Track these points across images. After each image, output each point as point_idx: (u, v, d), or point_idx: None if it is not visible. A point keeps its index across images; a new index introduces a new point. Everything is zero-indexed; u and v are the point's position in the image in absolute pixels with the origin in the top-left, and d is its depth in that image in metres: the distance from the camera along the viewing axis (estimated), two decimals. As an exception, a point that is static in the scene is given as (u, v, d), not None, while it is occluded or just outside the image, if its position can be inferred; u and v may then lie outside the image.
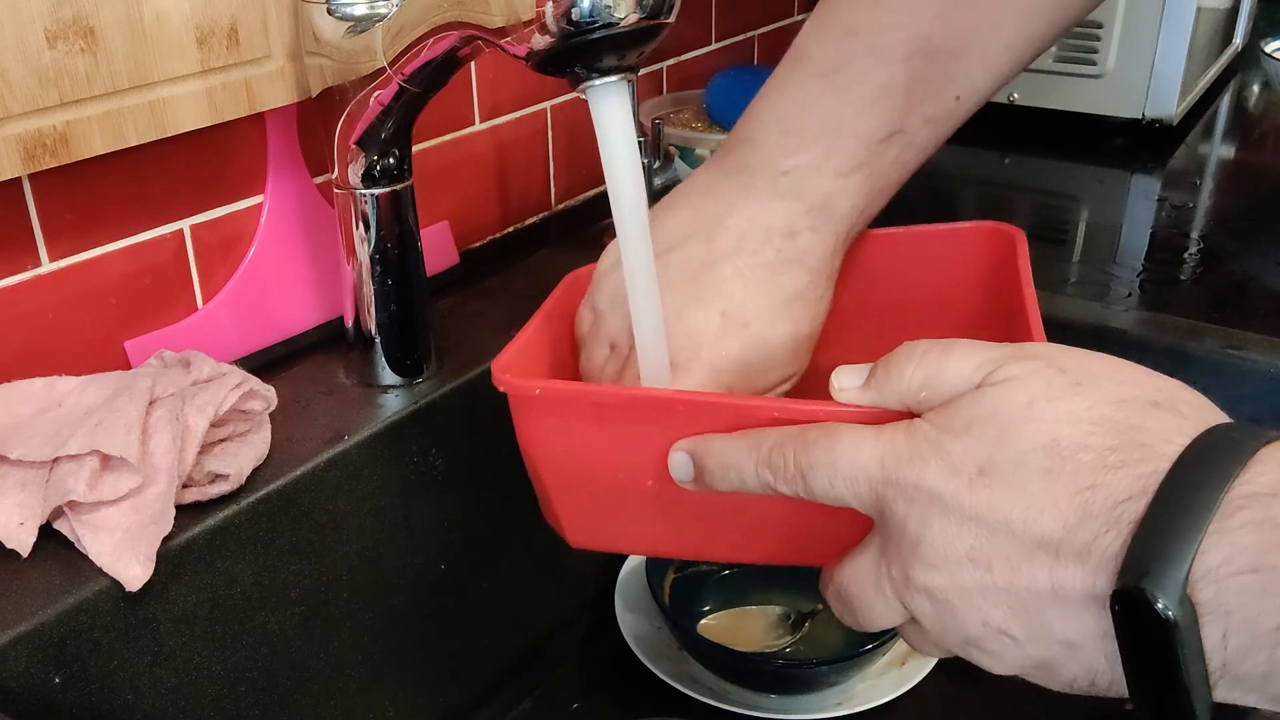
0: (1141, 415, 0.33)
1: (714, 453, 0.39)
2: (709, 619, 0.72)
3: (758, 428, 0.39)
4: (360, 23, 0.56)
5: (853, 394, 0.38)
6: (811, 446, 0.37)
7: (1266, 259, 0.86)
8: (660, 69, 1.01)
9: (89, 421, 0.50)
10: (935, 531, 0.34)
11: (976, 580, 0.34)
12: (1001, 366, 0.35)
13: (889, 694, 0.65)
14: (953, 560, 0.34)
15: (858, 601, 0.38)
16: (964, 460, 0.34)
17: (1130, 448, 0.32)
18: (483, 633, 0.70)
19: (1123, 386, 0.34)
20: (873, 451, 0.35)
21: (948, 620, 0.35)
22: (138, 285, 0.62)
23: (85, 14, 0.53)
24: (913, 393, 0.36)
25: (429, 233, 0.76)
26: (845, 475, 0.36)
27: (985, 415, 0.34)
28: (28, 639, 0.46)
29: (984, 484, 0.33)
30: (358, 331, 0.64)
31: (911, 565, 0.35)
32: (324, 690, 0.60)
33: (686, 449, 0.40)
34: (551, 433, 0.44)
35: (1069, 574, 0.32)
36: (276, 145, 0.66)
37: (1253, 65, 1.40)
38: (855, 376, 0.38)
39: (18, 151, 0.52)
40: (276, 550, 0.56)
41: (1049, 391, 0.33)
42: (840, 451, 0.36)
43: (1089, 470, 0.32)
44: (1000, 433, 0.33)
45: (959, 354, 0.36)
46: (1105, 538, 0.31)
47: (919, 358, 0.36)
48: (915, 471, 0.34)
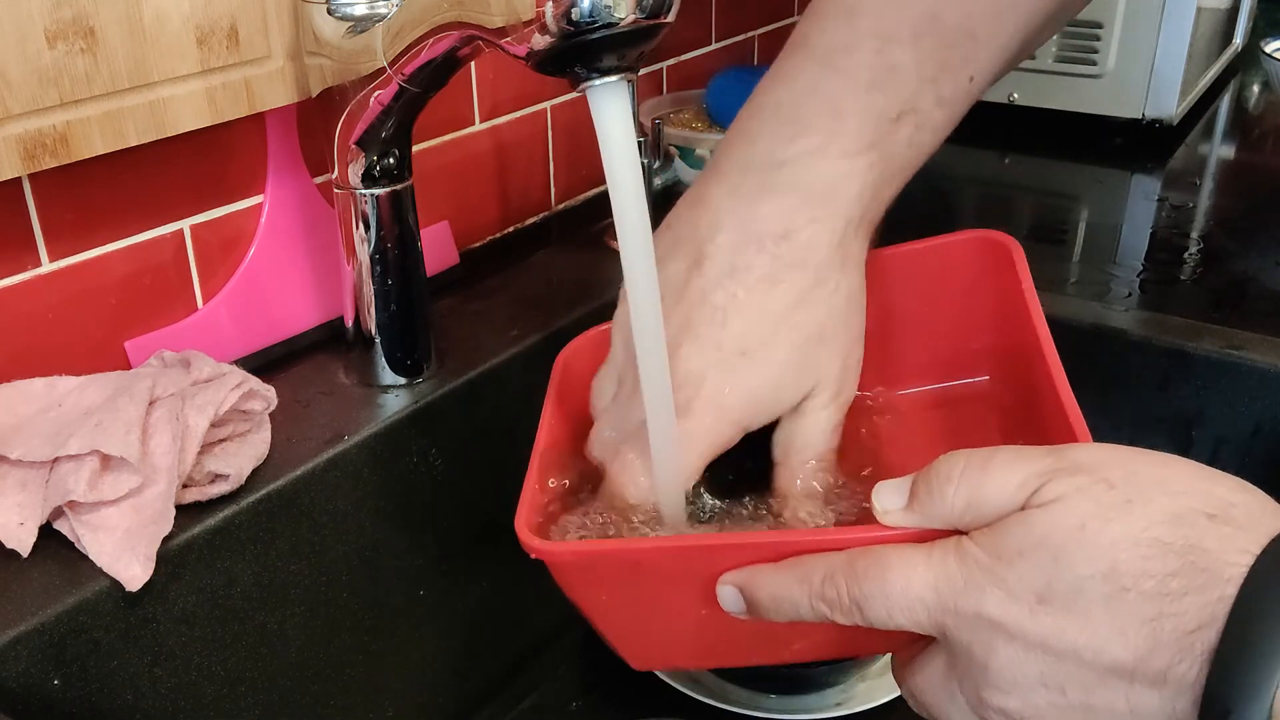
0: (1199, 532, 0.32)
1: (764, 586, 0.39)
2: (709, 619, 0.72)
3: (803, 556, 0.38)
4: (360, 23, 0.56)
5: (897, 517, 0.37)
6: (863, 579, 0.36)
7: (1266, 259, 0.86)
8: (660, 69, 1.01)
9: (89, 421, 0.50)
10: (1003, 659, 0.34)
11: (1052, 702, 0.33)
12: (1047, 484, 0.34)
13: (889, 694, 0.65)
14: (1025, 685, 0.34)
15: (934, 710, 0.38)
16: (1020, 588, 0.33)
17: (1192, 572, 0.31)
18: (483, 633, 0.70)
19: (1175, 499, 0.33)
20: (925, 579, 0.35)
21: None
22: (138, 285, 0.62)
23: (85, 14, 0.53)
24: (957, 514, 0.36)
25: (429, 233, 0.76)
26: (901, 606, 0.35)
27: (1036, 541, 0.33)
28: (28, 639, 0.46)
29: (1045, 612, 0.33)
30: (358, 331, 0.64)
31: (983, 688, 0.35)
32: (324, 690, 0.60)
33: (734, 583, 0.40)
34: (592, 586, 0.43)
35: (1147, 699, 0.32)
36: (276, 145, 0.66)
37: (1253, 65, 1.40)
38: (897, 497, 0.37)
39: (18, 151, 0.52)
40: (276, 550, 0.56)
41: (1100, 512, 0.33)
42: (893, 582, 0.35)
43: (1153, 599, 0.31)
44: (1055, 558, 0.33)
45: (999, 470, 0.35)
46: (1180, 667, 0.31)
47: (959, 477, 0.36)
48: (974, 601, 0.34)
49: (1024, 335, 0.47)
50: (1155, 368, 0.72)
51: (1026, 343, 0.46)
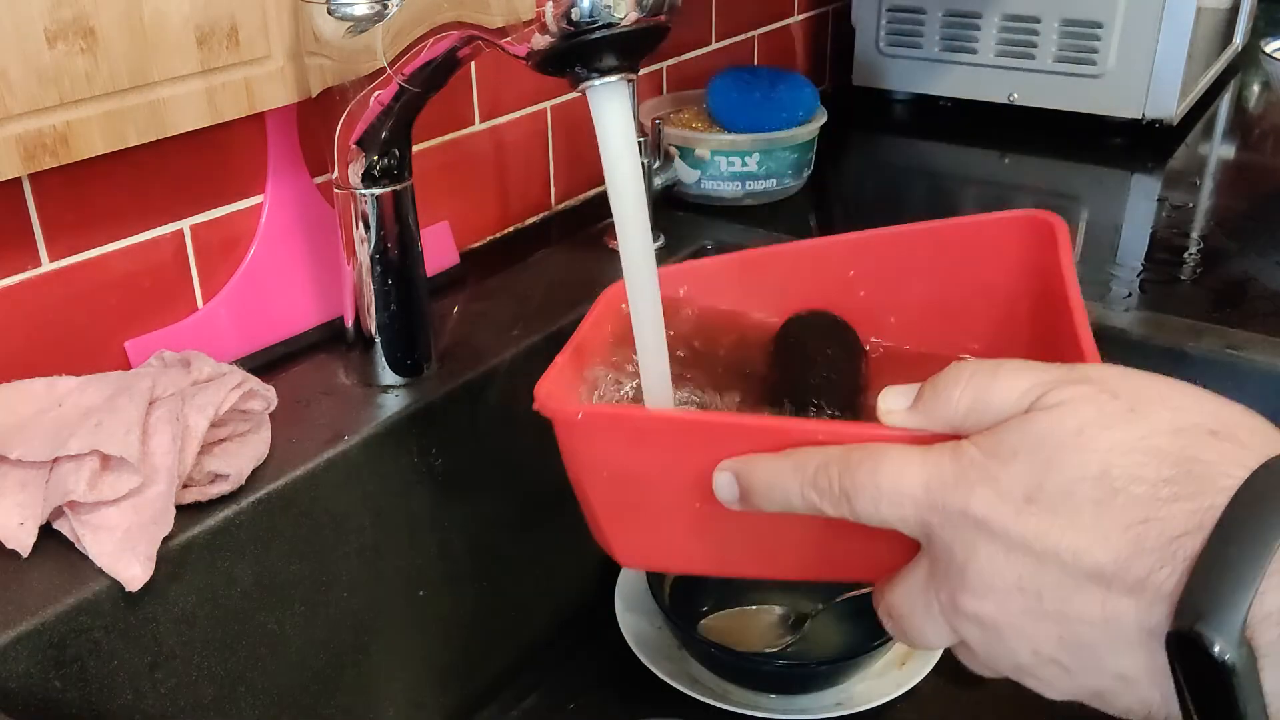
0: (1198, 445, 0.31)
1: (758, 473, 0.38)
2: (709, 619, 0.72)
3: (803, 447, 0.38)
4: (360, 23, 0.55)
5: (900, 417, 0.37)
6: (856, 469, 0.36)
7: (1266, 259, 0.86)
8: (660, 69, 1.01)
9: (89, 421, 0.50)
10: (982, 559, 0.33)
11: (1025, 609, 0.33)
12: (1051, 390, 0.34)
13: (889, 694, 0.65)
14: (1000, 589, 0.33)
15: (907, 622, 0.37)
16: (1011, 487, 0.33)
17: (1186, 480, 0.31)
18: (483, 632, 0.70)
19: (1179, 413, 0.32)
20: (918, 475, 0.35)
21: (997, 647, 0.34)
22: (138, 285, 0.62)
23: (85, 14, 0.53)
24: (960, 416, 0.35)
25: (429, 233, 0.76)
26: (890, 499, 0.35)
27: (1033, 441, 0.33)
28: (28, 639, 0.46)
29: (1032, 512, 0.32)
30: (358, 331, 0.64)
31: (959, 592, 0.34)
32: (324, 690, 0.60)
33: (731, 469, 0.39)
34: (596, 456, 0.43)
35: (1122, 607, 0.31)
36: (276, 145, 0.66)
37: (1253, 65, 1.40)
38: (903, 398, 0.37)
39: (18, 151, 0.52)
40: (276, 550, 0.56)
41: (1101, 418, 0.32)
42: (885, 474, 0.35)
43: (1142, 503, 0.31)
44: (1049, 460, 0.32)
45: (1007, 376, 0.35)
46: (1160, 574, 0.30)
47: (966, 380, 0.35)
48: (961, 497, 0.33)
49: (1060, 315, 0.46)
50: (1155, 368, 0.72)
51: (1062, 322, 0.46)
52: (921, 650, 0.68)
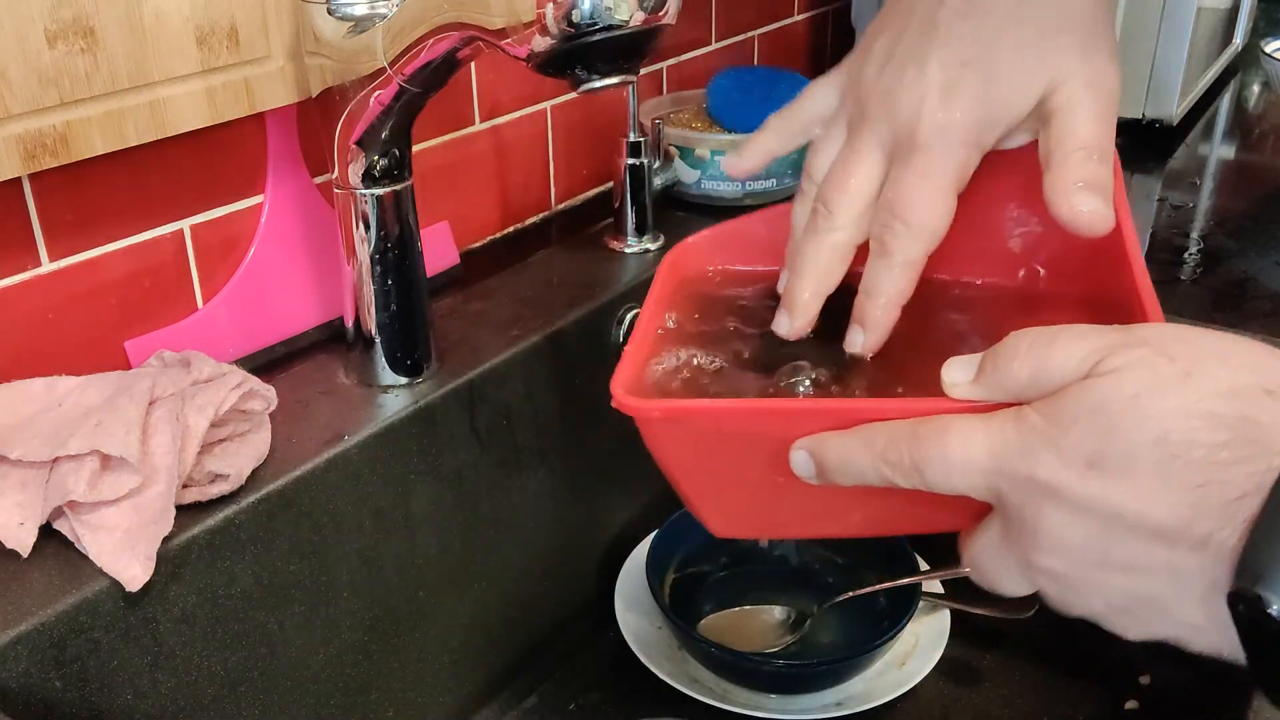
0: (1254, 406, 0.32)
1: (831, 451, 0.40)
2: (709, 619, 0.72)
3: (870, 424, 0.39)
4: (360, 23, 0.56)
5: (964, 390, 0.38)
6: (924, 442, 0.37)
7: (1266, 259, 0.86)
8: (660, 69, 1.01)
9: (89, 421, 0.50)
10: (1051, 521, 0.35)
11: (1095, 565, 0.34)
12: (1108, 356, 0.34)
13: (889, 694, 0.65)
14: (1070, 547, 0.35)
15: (989, 575, 0.39)
16: (1073, 453, 0.34)
17: (1242, 443, 0.31)
18: (482, 633, 0.70)
19: (1236, 373, 0.33)
20: (983, 444, 0.36)
21: (1072, 598, 0.36)
22: (138, 285, 0.62)
23: (85, 14, 0.53)
24: (1021, 386, 0.36)
25: (429, 233, 0.76)
26: (959, 469, 0.36)
27: (1092, 408, 0.34)
28: (28, 639, 0.46)
29: (1095, 477, 0.33)
30: (358, 331, 0.64)
31: (1031, 550, 0.36)
32: (324, 690, 0.60)
33: (805, 448, 0.41)
34: (677, 445, 0.45)
35: (1187, 563, 0.32)
36: (276, 145, 0.66)
37: (1253, 65, 1.40)
38: (965, 371, 0.38)
39: (18, 151, 0.52)
40: (276, 550, 0.56)
41: (1156, 383, 0.33)
42: (952, 446, 0.36)
43: (1201, 467, 0.32)
44: (1109, 426, 0.33)
45: (1064, 343, 0.36)
46: (1221, 533, 0.31)
47: (1025, 350, 0.36)
48: (1027, 464, 0.35)
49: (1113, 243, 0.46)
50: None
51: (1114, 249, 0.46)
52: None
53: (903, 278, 0.45)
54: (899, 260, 0.45)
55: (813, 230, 0.47)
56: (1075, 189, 0.43)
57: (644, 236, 0.83)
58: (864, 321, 0.46)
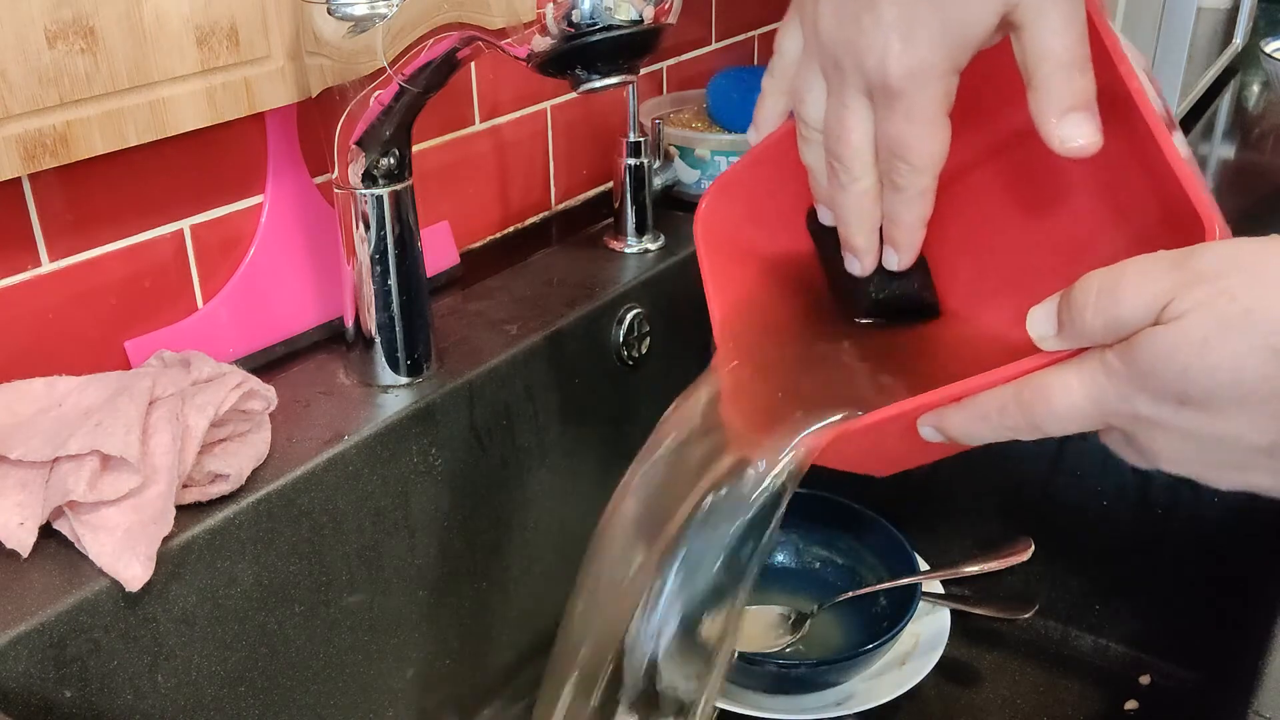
0: None
1: (953, 425, 0.44)
2: (709, 619, 0.72)
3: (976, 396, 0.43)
4: (360, 23, 0.56)
5: (1051, 343, 0.41)
6: (1031, 406, 0.41)
7: (1266, 259, 0.85)
8: (660, 69, 1.01)
9: (89, 421, 0.50)
10: (1162, 444, 0.39)
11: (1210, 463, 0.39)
12: (1173, 302, 0.37)
13: (889, 694, 0.65)
14: (1186, 460, 0.40)
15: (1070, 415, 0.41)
16: (1162, 393, 0.38)
17: None
18: (483, 633, 0.70)
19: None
20: (1082, 392, 0.40)
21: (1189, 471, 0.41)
22: (138, 285, 0.62)
23: (85, 14, 0.53)
24: (1100, 335, 0.39)
25: (429, 233, 0.76)
26: (1071, 418, 0.41)
27: (1165, 355, 0.37)
28: (28, 639, 0.46)
29: (1189, 410, 0.38)
30: (358, 331, 0.64)
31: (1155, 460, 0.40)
32: (324, 690, 0.60)
33: (929, 423, 0.45)
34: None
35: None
36: (276, 145, 0.66)
37: (1253, 65, 1.40)
38: (1048, 324, 0.41)
39: (18, 151, 0.52)
40: (276, 550, 0.56)
41: (1222, 326, 0.36)
42: (1056, 402, 0.40)
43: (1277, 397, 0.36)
44: (1184, 371, 0.37)
45: (1130, 289, 0.38)
46: None
47: (1095, 301, 0.39)
48: (1128, 406, 0.39)
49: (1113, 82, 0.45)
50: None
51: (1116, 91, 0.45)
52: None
53: (919, 203, 0.48)
54: (911, 192, 0.47)
55: (838, 185, 0.49)
56: (1062, 118, 0.44)
57: (644, 236, 0.83)
58: (895, 245, 0.49)
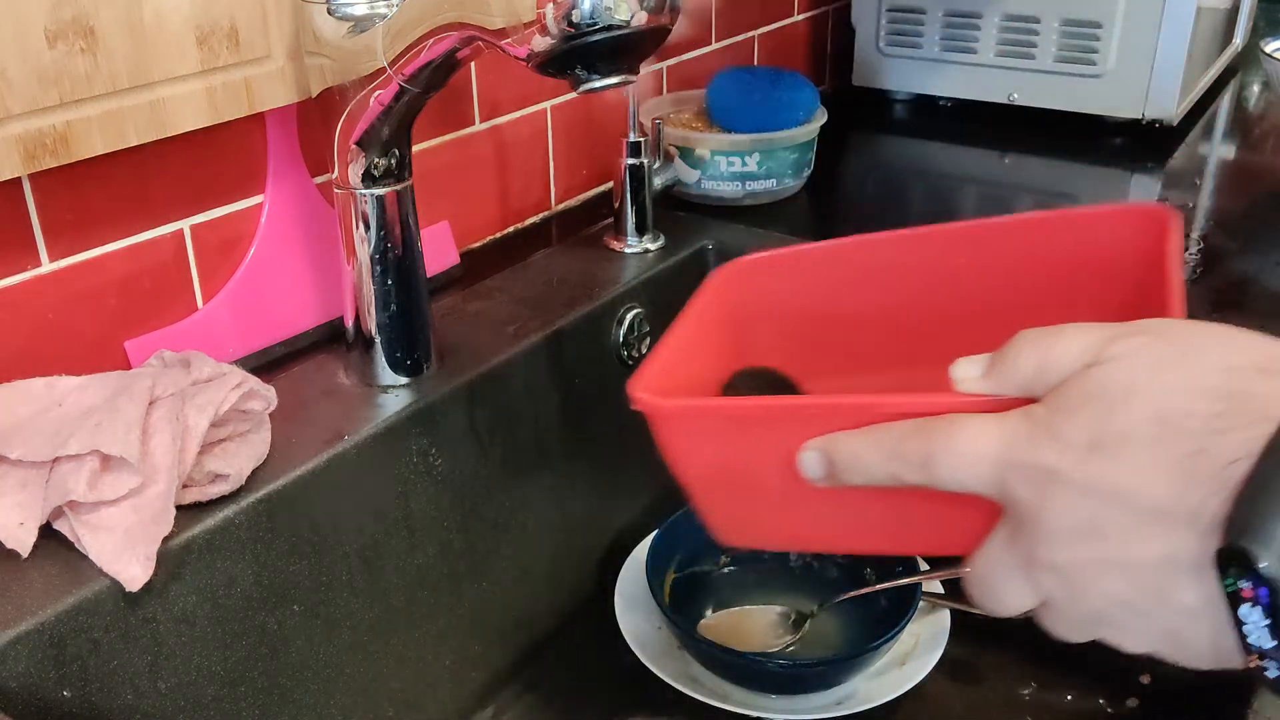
0: (1248, 381, 0.33)
1: (842, 449, 0.40)
2: (709, 619, 0.72)
3: (883, 422, 0.40)
4: (360, 23, 0.56)
5: (974, 384, 0.39)
6: (935, 437, 0.38)
7: (1266, 259, 0.86)
8: (660, 69, 1.01)
9: (89, 421, 0.50)
10: (1052, 507, 0.35)
11: (1094, 552, 0.35)
12: (1109, 345, 0.35)
13: (889, 694, 0.65)
14: (1070, 534, 0.35)
15: (991, 586, 0.39)
16: (1076, 437, 0.34)
17: (1237, 413, 0.32)
18: (482, 632, 0.70)
19: (1230, 354, 0.34)
20: (993, 436, 0.37)
21: (1072, 595, 0.36)
22: (138, 285, 0.62)
23: (85, 14, 0.53)
24: (1028, 379, 0.37)
25: (429, 233, 0.76)
26: (968, 462, 0.37)
27: (1094, 393, 0.35)
28: (28, 639, 0.46)
29: (1095, 458, 0.34)
30: (358, 331, 0.64)
31: (1036, 543, 0.36)
32: (324, 690, 0.60)
33: (816, 447, 0.41)
34: (690, 446, 0.45)
35: (1180, 540, 0.32)
36: (276, 145, 0.66)
37: (1253, 65, 1.40)
38: (975, 367, 0.39)
39: (18, 151, 0.52)
40: (276, 550, 0.56)
41: (1155, 364, 0.34)
42: (962, 440, 0.37)
43: (1195, 436, 0.32)
44: (1109, 408, 0.34)
45: (1069, 337, 0.37)
46: (1213, 501, 0.32)
47: (1031, 344, 0.37)
48: (1033, 452, 0.35)
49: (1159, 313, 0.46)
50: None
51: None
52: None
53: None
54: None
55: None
56: None
57: (644, 236, 0.83)
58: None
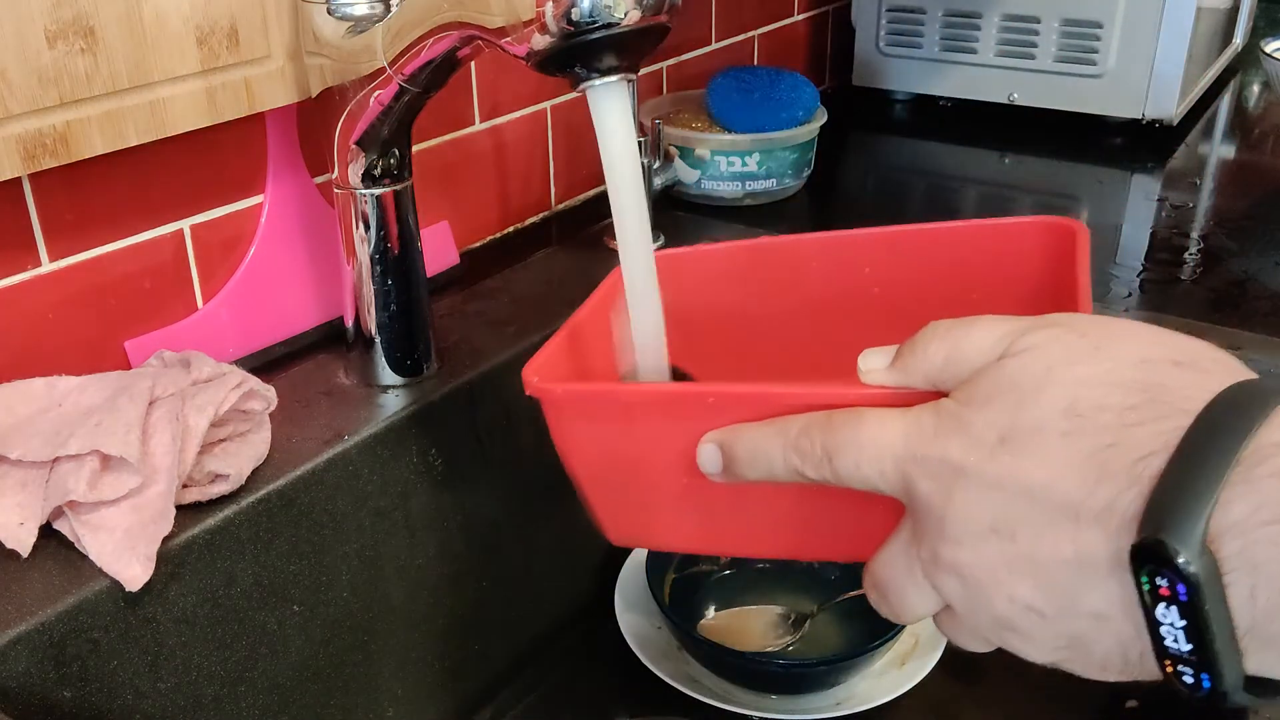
0: (1163, 374, 0.32)
1: (742, 441, 0.39)
2: (709, 619, 0.72)
3: (786, 415, 0.38)
4: (360, 23, 0.56)
5: (879, 375, 0.37)
6: (838, 428, 0.36)
7: (1266, 259, 0.86)
8: (660, 69, 1.01)
9: (89, 421, 0.50)
10: (958, 504, 0.33)
11: (1001, 552, 0.33)
12: (1022, 337, 0.34)
13: (889, 694, 0.65)
14: (976, 533, 0.33)
15: (890, 590, 0.37)
16: (985, 431, 0.33)
17: (1150, 405, 0.31)
18: (483, 632, 0.70)
19: (1145, 347, 0.33)
20: (898, 429, 0.35)
21: (977, 599, 0.34)
22: (138, 285, 0.62)
23: (85, 14, 0.53)
24: (937, 370, 0.36)
25: (429, 233, 0.76)
26: (871, 455, 0.35)
27: (1005, 385, 0.33)
28: (28, 639, 0.46)
29: (1004, 452, 0.32)
30: (358, 331, 0.64)
31: (939, 543, 0.34)
32: (324, 690, 0.60)
33: (715, 440, 0.40)
34: (583, 434, 0.43)
35: (1091, 538, 0.31)
36: (276, 145, 0.66)
37: (1253, 65, 1.40)
38: (881, 358, 0.37)
39: (18, 151, 0.52)
40: (276, 550, 0.56)
41: (1068, 356, 0.33)
42: (865, 432, 0.35)
43: (1108, 430, 0.31)
44: (1020, 401, 0.33)
45: (981, 328, 0.35)
46: (1125, 496, 0.30)
47: (942, 335, 0.36)
48: (939, 446, 0.34)
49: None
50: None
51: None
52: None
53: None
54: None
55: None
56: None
57: (644, 236, 0.83)
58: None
